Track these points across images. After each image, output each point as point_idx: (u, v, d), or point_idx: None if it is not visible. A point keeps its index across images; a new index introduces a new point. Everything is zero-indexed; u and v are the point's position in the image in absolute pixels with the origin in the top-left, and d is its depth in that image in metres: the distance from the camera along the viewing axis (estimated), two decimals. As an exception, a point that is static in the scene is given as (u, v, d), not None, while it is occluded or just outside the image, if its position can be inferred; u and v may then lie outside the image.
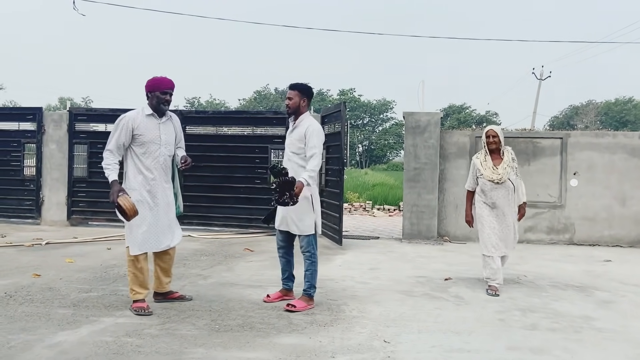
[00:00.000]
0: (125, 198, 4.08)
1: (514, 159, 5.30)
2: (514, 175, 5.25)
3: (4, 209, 10.01)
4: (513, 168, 5.25)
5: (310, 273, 4.49)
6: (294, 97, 4.49)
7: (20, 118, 10.20)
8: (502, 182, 5.18)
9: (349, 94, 63.01)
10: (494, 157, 5.29)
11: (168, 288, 4.58)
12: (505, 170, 5.18)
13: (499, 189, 5.22)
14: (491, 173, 5.21)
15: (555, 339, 3.83)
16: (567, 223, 8.72)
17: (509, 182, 5.22)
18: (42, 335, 3.66)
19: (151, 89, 4.33)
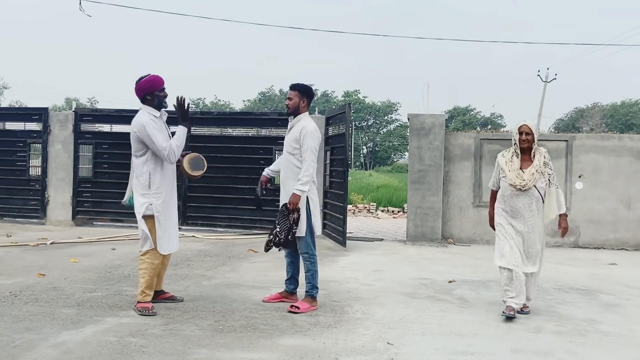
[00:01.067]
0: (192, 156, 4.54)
1: (546, 164, 4.44)
2: (545, 182, 4.43)
3: (9, 209, 10.06)
4: (544, 174, 4.41)
5: (311, 274, 4.50)
6: (293, 97, 4.55)
7: (26, 118, 10.26)
8: (525, 189, 4.35)
9: (354, 95, 63.04)
10: (524, 159, 4.46)
11: (160, 287, 4.62)
12: (532, 176, 4.36)
13: (521, 197, 4.39)
14: (515, 177, 4.38)
15: (560, 342, 3.82)
16: (572, 226, 8.67)
17: (535, 190, 4.38)
18: (46, 334, 3.67)
19: (150, 90, 4.31)
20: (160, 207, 4.27)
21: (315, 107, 43.42)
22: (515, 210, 4.43)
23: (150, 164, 4.28)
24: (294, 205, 4.33)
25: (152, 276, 4.30)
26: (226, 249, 7.54)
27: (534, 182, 4.36)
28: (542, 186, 4.40)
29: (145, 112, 4.33)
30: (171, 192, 4.42)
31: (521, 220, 4.42)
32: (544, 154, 4.47)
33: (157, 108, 4.37)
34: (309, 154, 4.36)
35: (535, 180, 4.36)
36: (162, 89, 4.36)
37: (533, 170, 4.37)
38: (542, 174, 4.39)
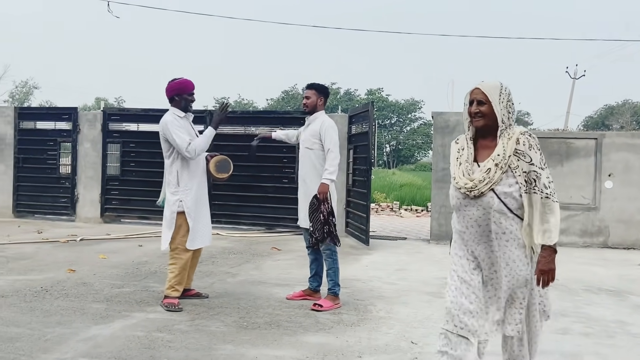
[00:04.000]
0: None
1: (522, 153, 2.51)
2: (520, 185, 2.51)
3: (40, 206, 10.33)
4: (516, 170, 2.51)
5: (333, 271, 4.53)
6: (311, 96, 4.66)
7: (57, 118, 10.52)
8: (474, 195, 2.53)
9: (377, 93, 62.77)
10: (483, 146, 2.63)
11: (189, 284, 4.69)
12: (487, 174, 2.51)
13: (470, 209, 2.57)
14: (460, 175, 2.62)
15: (588, 344, 3.75)
16: (602, 226, 8.50)
17: (494, 198, 2.51)
18: (76, 329, 3.77)
19: (179, 92, 4.47)
20: (190, 203, 4.38)
21: (338, 105, 42.91)
22: (469, 230, 2.60)
23: (178, 162, 4.40)
24: (323, 194, 4.41)
25: (181, 271, 4.38)
26: (250, 247, 7.61)
27: (491, 183, 2.49)
28: (508, 191, 2.49)
29: (170, 113, 4.47)
30: (201, 189, 4.51)
31: (483, 249, 2.59)
32: (519, 136, 2.53)
33: (183, 110, 4.49)
34: (332, 145, 4.49)
35: (493, 180, 2.49)
36: (190, 93, 4.51)
37: (490, 164, 2.51)
38: (510, 170, 2.50)
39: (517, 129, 2.57)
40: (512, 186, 2.51)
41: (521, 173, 2.51)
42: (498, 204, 2.51)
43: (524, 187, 2.51)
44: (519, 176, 2.50)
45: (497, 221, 2.53)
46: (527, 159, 2.50)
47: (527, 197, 2.51)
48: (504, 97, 2.55)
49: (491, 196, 2.51)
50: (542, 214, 2.50)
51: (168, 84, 4.50)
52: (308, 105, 4.66)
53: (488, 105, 2.54)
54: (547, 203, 2.50)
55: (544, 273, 2.51)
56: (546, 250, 2.52)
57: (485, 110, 2.55)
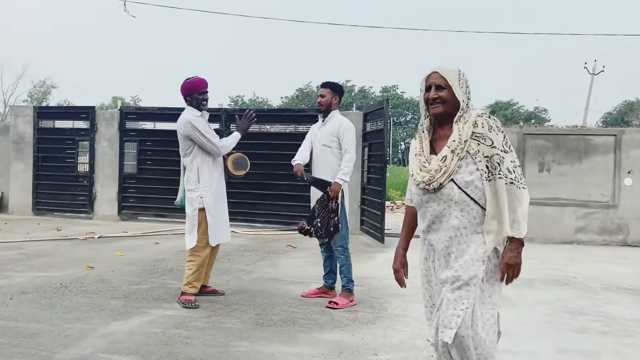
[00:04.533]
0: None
1: (481, 136, 2.25)
2: (482, 172, 2.25)
3: (59, 204, 10.49)
4: (476, 156, 2.25)
5: (346, 268, 4.55)
6: (326, 94, 4.67)
7: (75, 117, 10.67)
8: (432, 188, 2.29)
9: (392, 90, 62.55)
10: (441, 135, 2.37)
11: (207, 281, 4.73)
12: (443, 163, 2.27)
13: (432, 205, 2.34)
14: (418, 170, 2.36)
15: (606, 343, 3.70)
16: (621, 223, 8.37)
17: (454, 188, 2.27)
18: (95, 325, 3.82)
19: (190, 91, 4.51)
20: (210, 199, 4.43)
21: (353, 103, 42.78)
22: (431, 228, 2.37)
23: (198, 159, 4.45)
24: (335, 193, 4.44)
25: (199, 268, 4.42)
26: (265, 244, 7.64)
27: (449, 172, 2.25)
28: (469, 179, 2.24)
29: (188, 112, 4.51)
30: (220, 185, 4.56)
31: (443, 246, 2.36)
32: (476, 119, 2.27)
33: (197, 109, 4.52)
34: (350, 146, 4.53)
35: (450, 168, 2.24)
36: (202, 92, 4.52)
37: (446, 152, 2.27)
38: (470, 155, 2.25)
39: (474, 112, 2.32)
40: (473, 174, 2.25)
41: (482, 158, 2.25)
42: (459, 195, 2.26)
43: (485, 173, 2.24)
44: (480, 162, 2.24)
45: (458, 215, 2.28)
46: (488, 142, 2.25)
47: (491, 185, 2.24)
48: (463, 81, 2.34)
49: (451, 187, 2.26)
50: (509, 202, 2.24)
51: (182, 83, 4.55)
52: (323, 103, 4.66)
53: (448, 90, 2.30)
54: (512, 190, 2.23)
55: (509, 267, 2.30)
56: (513, 242, 2.27)
57: (444, 96, 2.30)
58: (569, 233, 8.44)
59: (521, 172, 2.27)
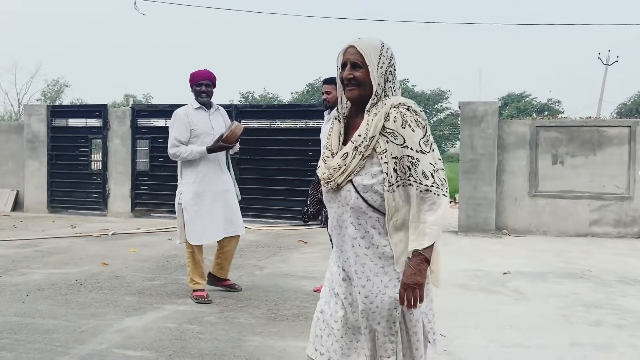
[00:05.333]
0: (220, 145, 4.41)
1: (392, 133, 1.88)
2: (389, 173, 1.87)
3: (73, 202, 10.61)
4: (383, 155, 1.88)
5: None
6: (332, 90, 4.58)
7: (87, 115, 10.77)
8: (331, 187, 1.98)
9: (403, 84, 62.17)
10: (356, 124, 2.00)
11: (225, 275, 4.71)
12: (347, 162, 1.93)
13: (333, 205, 2.02)
14: (322, 164, 2.04)
15: (622, 336, 3.66)
16: (636, 215, 8.27)
17: (351, 191, 1.93)
18: (110, 320, 3.87)
19: (190, 83, 4.54)
20: (188, 196, 4.34)
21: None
22: (334, 232, 2.05)
23: None
24: None
25: (192, 265, 4.39)
26: (277, 240, 7.66)
27: (348, 172, 1.92)
28: (369, 183, 1.89)
29: (188, 105, 4.54)
30: (205, 183, 4.39)
31: (344, 257, 2.02)
32: (389, 110, 1.88)
33: (197, 102, 4.51)
34: None
35: (349, 168, 1.91)
36: (198, 83, 4.46)
37: (349, 148, 1.93)
38: (376, 154, 1.89)
39: (390, 100, 1.90)
40: (375, 176, 1.88)
41: (389, 159, 1.85)
42: (356, 200, 1.91)
43: (393, 177, 1.85)
44: (386, 163, 1.86)
45: (355, 222, 1.92)
46: (399, 141, 1.85)
47: (398, 192, 1.86)
48: (384, 61, 1.93)
49: (348, 189, 1.92)
50: (419, 213, 1.85)
51: None
52: (329, 100, 4.59)
53: (364, 70, 1.91)
54: (427, 197, 1.85)
55: (407, 289, 1.85)
56: (415, 257, 1.85)
57: (360, 77, 1.92)
58: (583, 226, 8.35)
59: (444, 176, 1.89)
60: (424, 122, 1.89)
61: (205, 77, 4.49)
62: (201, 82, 4.47)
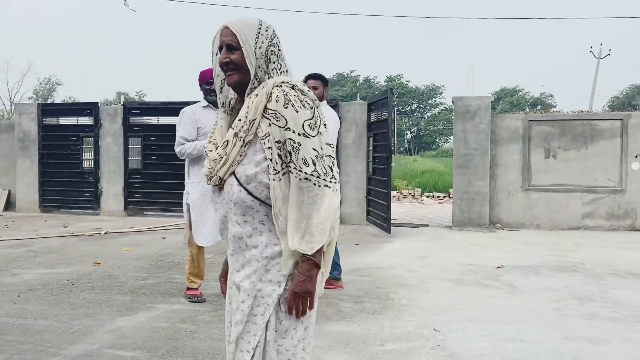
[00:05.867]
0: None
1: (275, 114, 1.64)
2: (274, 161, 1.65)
3: (66, 201, 10.54)
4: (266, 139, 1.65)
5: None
6: (318, 86, 4.59)
7: (79, 113, 10.68)
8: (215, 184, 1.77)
9: (397, 80, 62.24)
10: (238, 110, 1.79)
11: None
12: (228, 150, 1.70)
13: (218, 205, 1.80)
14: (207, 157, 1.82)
15: (615, 329, 3.67)
16: (628, 208, 8.31)
17: (234, 184, 1.70)
18: (102, 320, 3.84)
19: (199, 82, 4.45)
20: (194, 196, 4.28)
21: (357, 93, 42.61)
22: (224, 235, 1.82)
23: None
24: None
25: (191, 264, 4.36)
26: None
27: (230, 163, 1.70)
28: (253, 172, 1.68)
29: (197, 104, 4.45)
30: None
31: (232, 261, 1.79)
32: (271, 89, 1.67)
33: (206, 100, 4.43)
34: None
35: (231, 157, 1.70)
36: (207, 82, 4.37)
37: (230, 135, 1.72)
38: (259, 140, 1.68)
39: (272, 80, 1.69)
40: (259, 164, 1.67)
41: (273, 144, 1.64)
42: (238, 193, 1.68)
43: (279, 164, 1.65)
44: (269, 148, 1.65)
45: (240, 220, 1.70)
46: (281, 122, 1.63)
47: (285, 181, 1.65)
48: (263, 40, 1.71)
49: (231, 183, 1.70)
50: (300, 206, 1.62)
51: None
52: (317, 95, 4.59)
53: (241, 52, 1.70)
54: (307, 188, 1.61)
55: (296, 297, 1.66)
56: (304, 262, 1.65)
57: (238, 59, 1.70)
58: (576, 219, 8.39)
59: (331, 164, 1.66)
60: (311, 103, 1.67)
61: (209, 77, 4.38)
62: (211, 80, 4.36)
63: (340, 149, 9.06)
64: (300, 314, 1.67)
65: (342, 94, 53.59)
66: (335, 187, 1.65)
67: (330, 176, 1.65)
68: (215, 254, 6.12)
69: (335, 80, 62.19)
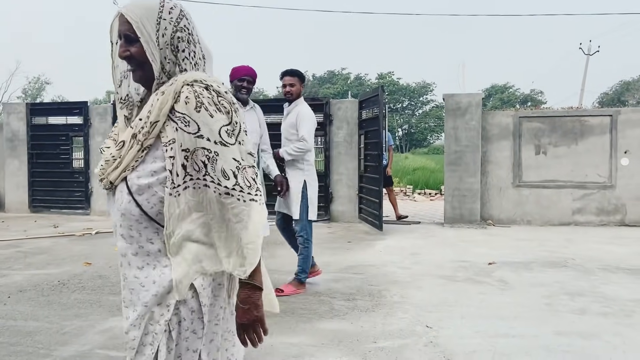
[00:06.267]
0: None
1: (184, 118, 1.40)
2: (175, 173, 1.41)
3: (56, 201, 10.44)
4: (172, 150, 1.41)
5: (302, 258, 4.56)
6: (295, 83, 4.53)
7: (68, 112, 10.58)
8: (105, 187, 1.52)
9: (388, 77, 62.32)
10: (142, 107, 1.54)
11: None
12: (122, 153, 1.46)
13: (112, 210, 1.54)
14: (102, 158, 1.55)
15: (606, 324, 3.70)
16: (618, 204, 8.38)
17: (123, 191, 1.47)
18: (93, 321, 3.81)
19: (230, 78, 4.37)
20: None
21: (349, 91, 42.68)
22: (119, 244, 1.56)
23: None
24: (277, 155, 4.54)
25: None
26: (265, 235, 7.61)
27: (123, 167, 1.47)
28: (146, 182, 1.44)
29: None
30: None
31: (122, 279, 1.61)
32: (181, 88, 1.42)
33: (235, 97, 4.34)
34: (307, 134, 4.43)
35: (125, 161, 1.46)
36: (240, 79, 4.30)
37: (126, 136, 1.48)
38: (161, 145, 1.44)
39: (183, 76, 1.44)
40: (156, 174, 1.43)
41: (178, 153, 1.40)
42: (127, 204, 1.45)
43: (180, 176, 1.41)
44: (171, 157, 1.40)
45: (126, 233, 1.48)
46: (192, 128, 1.40)
47: (188, 196, 1.42)
48: (166, 27, 1.44)
49: (121, 190, 1.47)
50: (227, 222, 1.43)
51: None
52: (293, 93, 4.51)
53: (141, 45, 1.43)
54: (231, 205, 1.41)
55: (245, 329, 1.48)
56: (245, 289, 1.46)
57: (139, 54, 1.44)
58: (566, 215, 8.45)
59: (254, 175, 1.46)
60: (229, 107, 1.44)
61: (248, 73, 4.35)
62: (244, 77, 4.31)
63: (331, 146, 9.06)
64: (256, 343, 1.50)
65: (334, 91, 53.61)
66: (261, 200, 1.47)
67: (255, 189, 1.45)
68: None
69: (326, 77, 62.18)
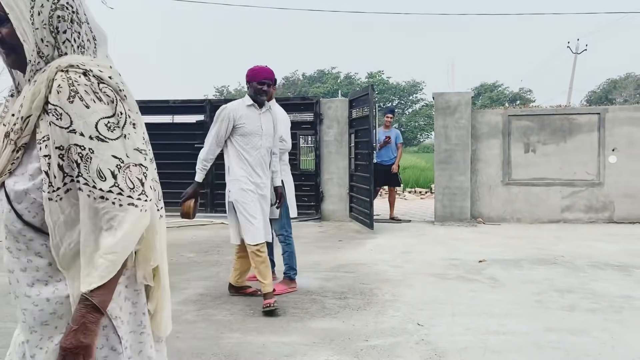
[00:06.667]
0: (188, 204, 4.05)
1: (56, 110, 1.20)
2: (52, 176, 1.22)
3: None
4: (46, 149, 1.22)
5: (288, 255, 4.57)
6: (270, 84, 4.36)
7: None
8: None
9: (377, 76, 62.43)
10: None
11: (243, 282, 4.51)
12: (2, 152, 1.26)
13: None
14: None
15: (595, 320, 3.75)
16: (606, 201, 8.47)
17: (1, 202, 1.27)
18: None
19: (249, 79, 4.19)
20: (236, 194, 4.09)
21: (339, 90, 42.61)
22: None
23: (227, 149, 4.17)
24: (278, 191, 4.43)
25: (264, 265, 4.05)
26: (255, 235, 7.61)
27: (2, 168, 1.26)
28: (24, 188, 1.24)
29: (239, 100, 4.24)
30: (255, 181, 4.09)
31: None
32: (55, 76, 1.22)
33: (253, 99, 4.15)
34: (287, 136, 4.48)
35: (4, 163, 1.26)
36: (261, 81, 4.11)
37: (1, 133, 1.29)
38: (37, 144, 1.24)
39: (57, 62, 1.25)
40: (33, 178, 1.25)
41: (52, 151, 1.22)
42: (8, 213, 1.27)
43: (59, 178, 1.23)
44: (46, 156, 1.22)
45: (12, 247, 1.28)
46: (64, 122, 1.21)
47: (72, 200, 1.24)
48: (43, 4, 1.24)
49: (1, 197, 1.28)
50: (96, 233, 1.22)
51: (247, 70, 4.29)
52: (272, 94, 4.45)
53: (12, 25, 1.24)
54: (104, 210, 1.21)
55: (66, 354, 1.20)
56: (80, 306, 1.21)
57: (8, 34, 1.25)
58: (555, 212, 8.52)
59: (141, 175, 1.27)
60: (112, 95, 1.25)
61: (268, 75, 4.17)
62: (264, 80, 4.12)
63: (322, 145, 9.06)
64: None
65: (323, 90, 53.61)
66: (146, 206, 1.25)
67: (140, 192, 1.24)
68: (198, 253, 6.07)
69: (316, 77, 62.16)
